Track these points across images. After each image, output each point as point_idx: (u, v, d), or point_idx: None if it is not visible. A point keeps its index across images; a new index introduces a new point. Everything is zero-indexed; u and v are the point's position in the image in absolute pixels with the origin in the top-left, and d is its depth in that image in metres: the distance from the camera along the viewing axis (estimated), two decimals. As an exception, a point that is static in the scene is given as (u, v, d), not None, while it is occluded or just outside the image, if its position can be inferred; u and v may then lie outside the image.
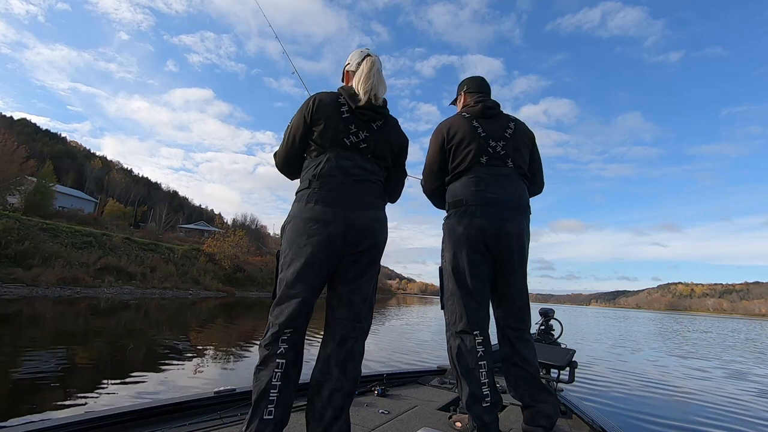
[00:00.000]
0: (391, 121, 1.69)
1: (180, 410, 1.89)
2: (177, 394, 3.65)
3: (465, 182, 1.91)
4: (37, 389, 4.10)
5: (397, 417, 2.09)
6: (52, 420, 1.57)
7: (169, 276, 24.53)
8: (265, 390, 1.38)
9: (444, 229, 2.00)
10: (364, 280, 1.57)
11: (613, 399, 5.26)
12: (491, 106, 2.04)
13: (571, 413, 2.36)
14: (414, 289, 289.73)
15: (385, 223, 1.63)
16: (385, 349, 8.34)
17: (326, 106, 1.57)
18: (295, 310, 1.45)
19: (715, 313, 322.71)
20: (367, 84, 1.60)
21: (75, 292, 17.21)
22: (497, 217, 1.85)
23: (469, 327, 1.82)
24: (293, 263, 1.48)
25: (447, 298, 1.93)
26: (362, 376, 2.76)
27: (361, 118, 1.59)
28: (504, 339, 1.95)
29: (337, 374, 1.49)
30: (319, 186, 1.51)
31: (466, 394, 1.78)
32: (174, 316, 13.63)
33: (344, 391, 1.49)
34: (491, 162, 1.92)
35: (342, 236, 1.49)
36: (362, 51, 1.75)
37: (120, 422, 1.70)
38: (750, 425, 4.48)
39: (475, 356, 1.78)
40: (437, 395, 2.59)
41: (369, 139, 1.60)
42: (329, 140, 1.55)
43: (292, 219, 1.53)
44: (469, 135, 1.94)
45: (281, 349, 1.42)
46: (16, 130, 61.95)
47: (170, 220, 62.25)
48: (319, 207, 1.49)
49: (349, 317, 1.54)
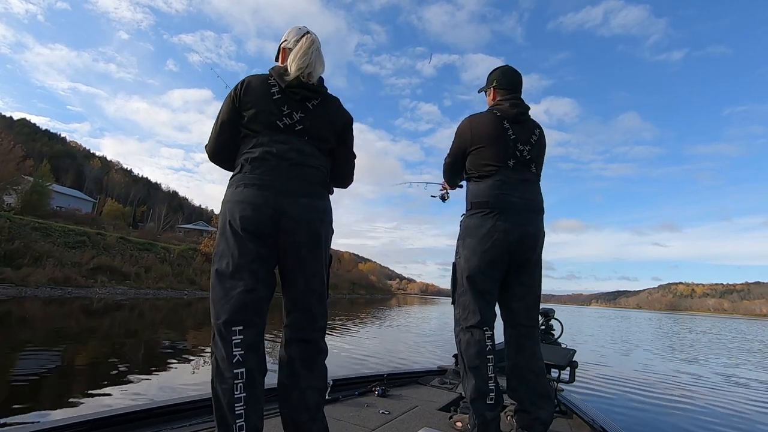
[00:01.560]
0: (330, 100, 1.57)
1: (180, 411, 1.87)
2: (176, 394, 3.68)
3: (491, 184, 1.91)
4: (31, 391, 4.00)
5: (397, 417, 2.10)
6: (52, 420, 1.56)
7: (164, 276, 24.24)
8: (229, 404, 1.24)
9: (463, 226, 2.00)
10: (311, 278, 1.44)
11: (613, 399, 5.23)
12: (524, 112, 2.02)
13: (572, 413, 2.35)
14: (414, 289, 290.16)
15: (326, 214, 1.49)
16: (385, 349, 8.29)
17: (255, 89, 1.46)
18: (239, 300, 1.31)
19: (716, 314, 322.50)
20: (301, 60, 1.46)
21: (66, 293, 16.94)
22: (521, 221, 1.88)
23: (480, 323, 1.85)
24: (225, 252, 1.36)
25: (459, 294, 1.94)
26: (363, 377, 2.76)
27: (294, 97, 1.47)
28: (512, 338, 1.95)
29: (305, 374, 1.41)
30: (250, 170, 1.40)
31: (471, 388, 1.78)
32: (169, 316, 13.47)
33: (315, 389, 1.42)
34: (517, 166, 1.93)
35: (272, 222, 1.36)
36: (300, 28, 1.61)
37: (120, 423, 1.69)
38: (750, 425, 4.47)
39: (484, 351, 1.80)
40: (438, 395, 2.58)
41: (305, 120, 1.47)
42: (261, 124, 1.44)
43: (223, 205, 1.42)
44: (501, 136, 1.93)
45: (237, 357, 1.27)
46: (15, 130, 62.16)
47: (169, 220, 62.34)
48: (248, 190, 1.37)
49: (304, 319, 1.46)
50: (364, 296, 65.25)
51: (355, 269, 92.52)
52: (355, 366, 6.18)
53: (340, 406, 2.22)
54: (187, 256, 29.53)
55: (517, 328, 1.94)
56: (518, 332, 1.94)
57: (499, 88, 2.08)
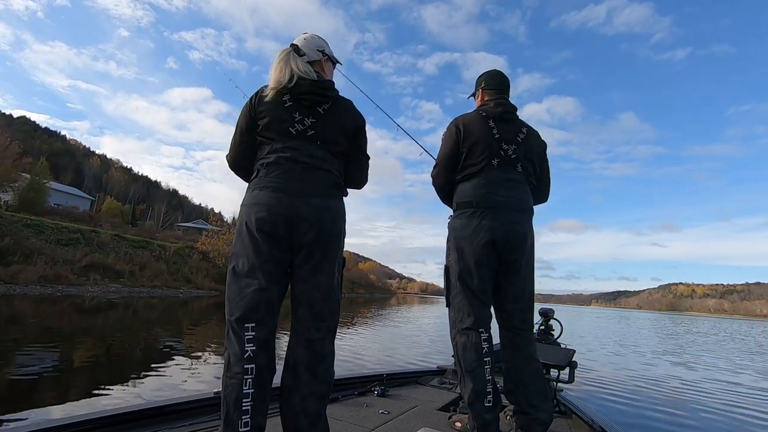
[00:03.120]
0: (341, 103, 1.61)
1: (180, 410, 1.88)
2: (175, 394, 3.65)
3: (475, 184, 1.92)
4: (22, 391, 3.91)
5: (397, 417, 2.10)
6: (52, 420, 1.56)
7: (159, 274, 23.85)
8: (237, 399, 1.28)
9: (450, 228, 2.00)
10: (321, 277, 1.47)
11: (613, 399, 5.22)
12: (509, 111, 2.04)
13: (571, 413, 2.35)
14: (414, 288, 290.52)
15: (338, 214, 1.53)
16: (384, 349, 8.27)
17: (269, 98, 1.52)
18: (253, 299, 1.36)
19: (716, 314, 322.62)
20: (275, 74, 1.54)
21: (56, 290, 16.66)
22: (506, 220, 1.87)
23: (475, 324, 1.84)
24: (241, 252, 1.43)
25: (453, 296, 1.94)
26: (362, 377, 2.76)
27: (304, 104, 1.53)
28: (507, 340, 1.96)
29: (308, 378, 1.41)
30: (265, 174, 1.47)
31: (469, 391, 1.78)
32: (165, 315, 13.28)
33: (317, 395, 1.41)
34: (502, 165, 1.94)
35: (286, 223, 1.41)
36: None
37: (120, 423, 1.69)
38: (750, 425, 4.47)
39: (481, 353, 1.80)
40: (437, 395, 2.59)
41: (316, 125, 1.53)
42: (274, 131, 1.50)
43: (241, 208, 1.49)
44: (484, 136, 1.95)
45: (248, 353, 1.32)
46: (15, 128, 62.24)
47: (168, 219, 62.32)
48: (263, 193, 1.44)
49: (311, 318, 1.46)
50: (363, 295, 65.13)
51: (355, 268, 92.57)
52: (355, 366, 6.13)
53: (340, 405, 2.22)
54: (184, 254, 29.26)
55: (512, 331, 1.94)
56: (513, 334, 1.94)
57: (486, 89, 2.12)
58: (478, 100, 2.17)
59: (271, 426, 1.45)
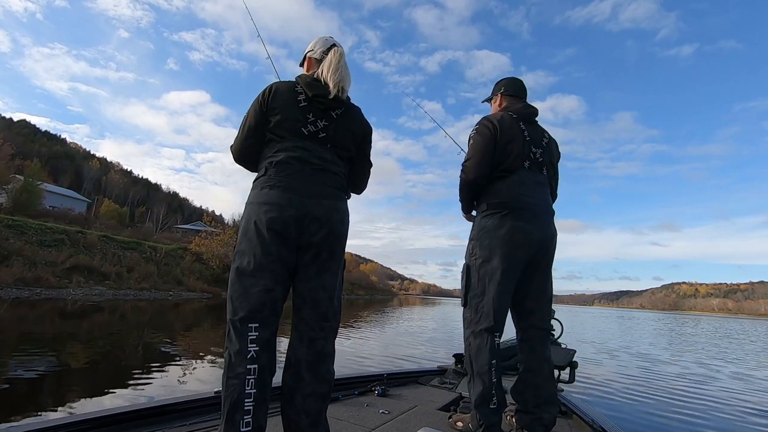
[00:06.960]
0: (352, 109, 1.63)
1: (180, 410, 1.88)
2: (173, 394, 3.65)
3: (509, 184, 1.92)
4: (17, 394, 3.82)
5: (397, 417, 2.10)
6: (52, 420, 1.56)
7: (148, 276, 23.33)
8: (238, 399, 1.28)
9: (479, 226, 1.96)
10: (327, 276, 1.47)
11: (613, 399, 5.19)
12: (536, 113, 2.06)
13: (572, 413, 2.36)
14: (416, 289, 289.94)
15: (345, 216, 1.53)
16: (385, 349, 8.30)
17: (282, 95, 1.51)
18: (258, 299, 1.36)
19: (720, 313, 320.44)
20: (336, 76, 1.53)
21: (34, 293, 16.11)
22: (540, 223, 1.90)
23: (491, 327, 1.84)
24: (247, 251, 1.40)
25: (472, 296, 1.92)
26: (363, 376, 2.81)
27: (319, 106, 1.53)
28: (524, 341, 1.96)
29: (309, 378, 1.41)
30: (275, 173, 1.45)
31: (477, 393, 1.80)
32: (155, 318, 12.84)
33: (318, 395, 1.41)
34: (532, 168, 1.96)
35: (296, 223, 1.40)
36: (327, 39, 1.67)
37: (120, 422, 1.69)
38: (750, 425, 4.43)
39: (493, 356, 1.81)
40: (438, 395, 2.59)
41: (328, 128, 1.53)
42: (286, 130, 1.49)
43: (247, 206, 1.46)
44: (517, 137, 1.95)
45: (251, 353, 1.32)
46: (14, 131, 62.31)
47: (167, 221, 62.08)
48: (274, 192, 1.42)
49: (315, 317, 1.46)
50: (364, 297, 64.59)
51: (356, 270, 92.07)
52: (355, 366, 6.10)
53: (340, 405, 2.22)
54: (176, 256, 28.82)
55: (529, 331, 1.95)
56: (530, 335, 1.95)
57: (506, 95, 2.12)
58: (495, 105, 2.18)
59: (270, 426, 1.44)
